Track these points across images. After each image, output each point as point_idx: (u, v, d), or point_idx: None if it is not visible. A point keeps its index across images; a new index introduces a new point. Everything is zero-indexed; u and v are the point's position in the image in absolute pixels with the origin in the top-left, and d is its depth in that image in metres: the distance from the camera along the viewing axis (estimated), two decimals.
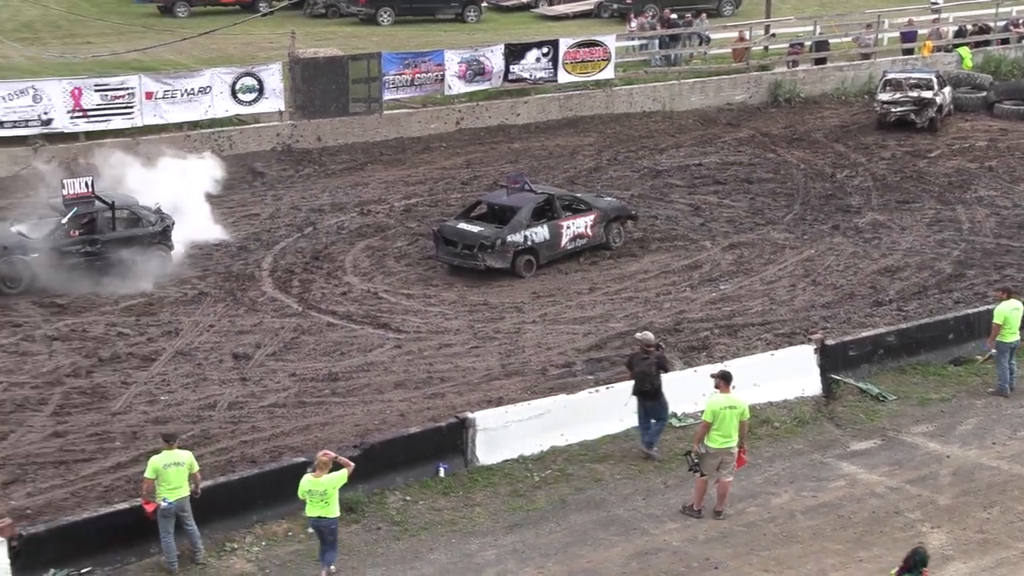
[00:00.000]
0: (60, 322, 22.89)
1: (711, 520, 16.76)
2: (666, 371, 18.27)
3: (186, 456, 15.57)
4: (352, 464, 15.50)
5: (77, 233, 24.58)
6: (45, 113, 31.65)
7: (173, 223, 25.77)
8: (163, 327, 22.84)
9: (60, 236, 24.40)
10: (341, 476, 15.28)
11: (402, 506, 17.02)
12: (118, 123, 32.52)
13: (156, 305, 23.85)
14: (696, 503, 16.87)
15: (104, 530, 15.53)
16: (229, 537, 16.12)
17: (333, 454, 15.49)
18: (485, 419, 18.14)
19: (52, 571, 15.04)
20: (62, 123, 31.89)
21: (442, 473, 17.71)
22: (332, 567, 15.46)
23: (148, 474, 15.35)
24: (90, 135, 32.18)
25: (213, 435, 18.83)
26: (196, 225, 27.29)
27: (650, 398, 18.21)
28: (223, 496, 16.25)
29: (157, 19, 49.09)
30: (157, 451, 15.72)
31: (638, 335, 18.92)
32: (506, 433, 18.17)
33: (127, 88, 32.73)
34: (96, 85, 32.44)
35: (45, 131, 31.58)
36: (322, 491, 15.11)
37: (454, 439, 17.96)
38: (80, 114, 32.10)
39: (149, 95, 32.88)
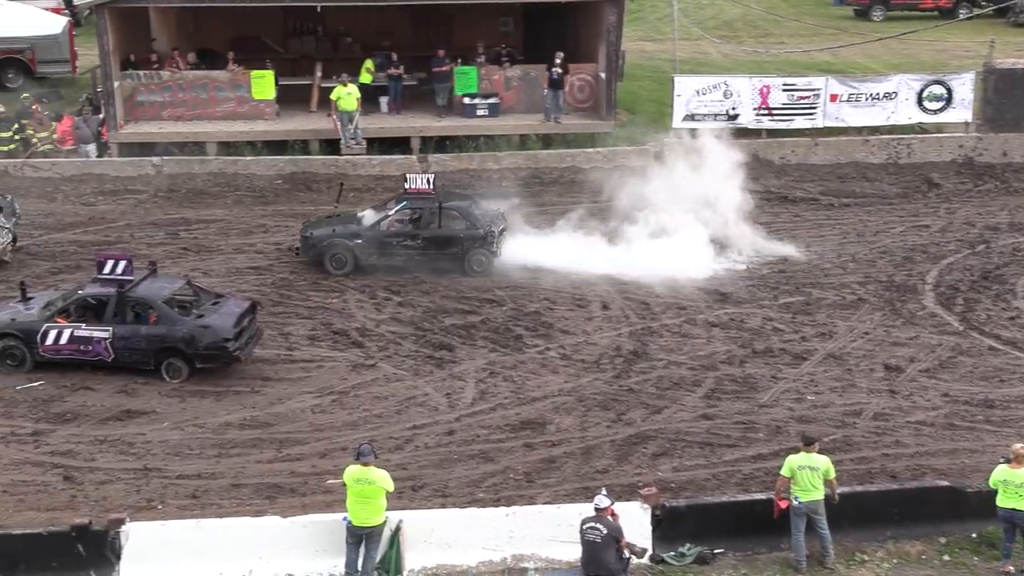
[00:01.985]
0: (721, 310, 23.77)
1: None
2: None
3: (823, 461, 15.55)
4: None
5: (402, 226, 25.27)
6: (733, 108, 32.94)
7: (501, 230, 25.56)
8: (817, 328, 22.94)
9: (385, 226, 25.22)
10: None
11: None
12: (800, 123, 33.07)
13: (813, 306, 23.99)
14: None
15: (740, 516, 16.00)
16: (860, 547, 15.93)
17: None
18: None
19: (687, 545, 15.74)
20: (747, 119, 33.00)
21: None
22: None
23: (784, 472, 15.56)
24: (772, 133, 33.04)
25: (855, 443, 18.65)
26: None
27: None
28: (859, 505, 16.09)
29: (851, 22, 49.18)
30: (796, 450, 15.86)
31: None
32: None
33: (813, 89, 33.16)
34: (784, 84, 33.22)
35: (730, 126, 32.85)
36: (1019, 483, 14.98)
37: None
38: (765, 111, 33.03)
39: (833, 97, 33.09)
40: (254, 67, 33.21)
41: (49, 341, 20.65)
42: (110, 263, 21.10)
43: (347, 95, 31.45)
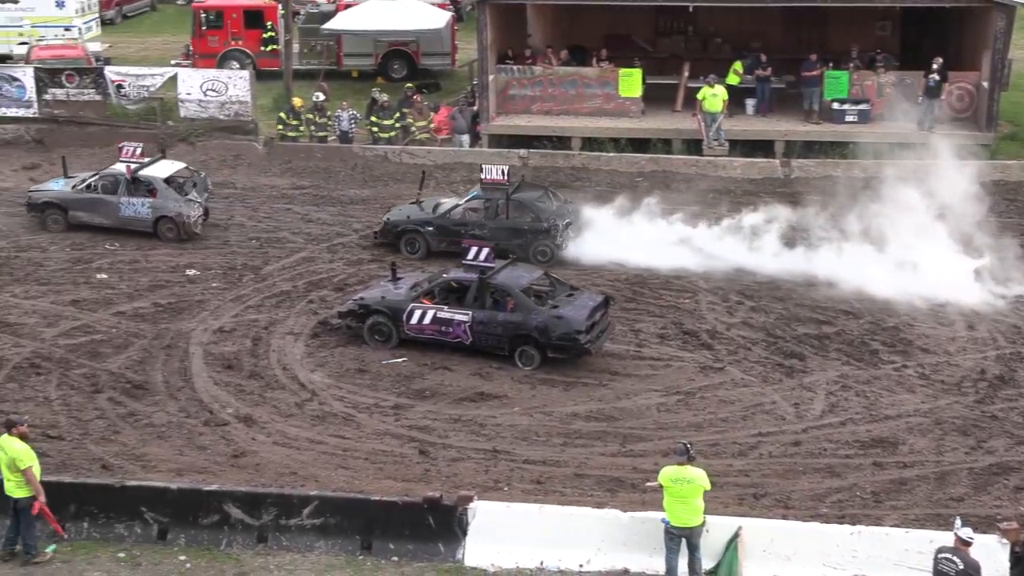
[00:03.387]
0: None
1: None
2: None
3: None
4: None
5: (472, 215, 26.17)
6: None
7: (567, 224, 25.91)
8: None
9: (455, 215, 26.22)
10: None
11: None
12: None
13: None
14: None
15: None
16: None
17: None
18: None
19: None
20: None
21: None
22: None
23: None
24: None
25: None
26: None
27: None
28: None
29: None
30: None
31: None
32: None
33: None
34: None
35: None
36: None
37: None
38: None
39: None
40: (623, 65, 33.67)
41: (414, 320, 21.72)
42: (474, 250, 21.95)
43: (712, 96, 31.35)
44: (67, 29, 42.48)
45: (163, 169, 28.05)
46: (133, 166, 27.51)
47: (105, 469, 17.74)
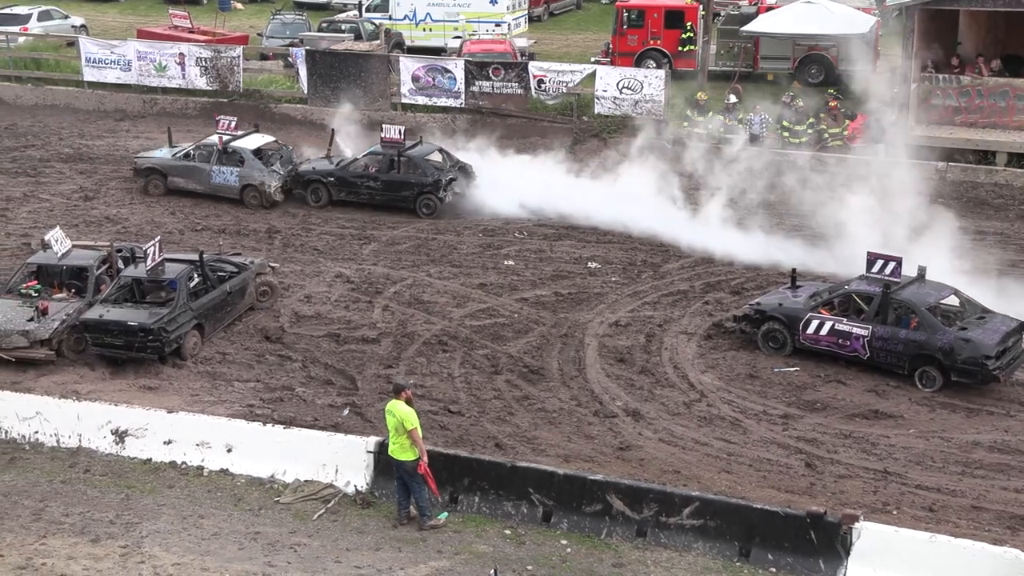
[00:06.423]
0: None
1: None
2: None
3: None
4: None
5: (368, 169, 29.39)
6: None
7: (451, 179, 28.96)
8: None
9: (353, 168, 29.57)
10: None
11: None
12: None
13: None
14: None
15: None
16: None
17: None
18: None
19: None
20: None
21: None
22: None
23: None
24: None
25: None
26: None
27: None
28: None
29: None
30: None
31: None
32: None
33: None
34: None
35: None
36: None
37: None
38: None
39: None
40: None
41: (810, 330, 21.24)
42: (879, 263, 21.18)
43: None
44: (497, 25, 44.63)
45: (253, 142, 30.39)
46: (225, 138, 29.86)
47: (498, 448, 18.54)
